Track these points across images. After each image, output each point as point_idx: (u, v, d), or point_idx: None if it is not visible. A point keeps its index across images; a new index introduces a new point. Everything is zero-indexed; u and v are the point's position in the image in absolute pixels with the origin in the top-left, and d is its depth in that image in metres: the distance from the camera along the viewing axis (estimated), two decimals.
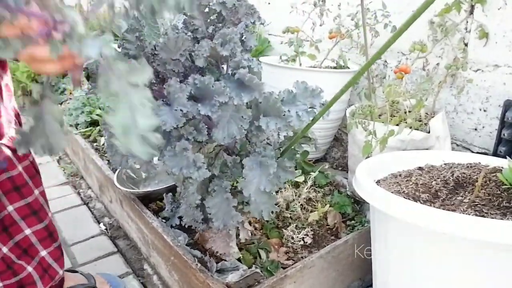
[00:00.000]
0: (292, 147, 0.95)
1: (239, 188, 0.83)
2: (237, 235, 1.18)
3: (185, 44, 0.79)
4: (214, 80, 0.77)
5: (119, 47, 0.84)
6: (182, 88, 0.74)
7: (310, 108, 0.80)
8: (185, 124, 0.79)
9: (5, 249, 0.97)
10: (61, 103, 2.58)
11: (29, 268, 1.01)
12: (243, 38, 0.86)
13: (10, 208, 0.97)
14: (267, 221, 1.35)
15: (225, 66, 0.84)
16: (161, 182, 1.51)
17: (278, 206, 1.40)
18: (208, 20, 0.89)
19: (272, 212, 0.89)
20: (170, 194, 1.29)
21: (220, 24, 0.90)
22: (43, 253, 1.05)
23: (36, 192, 1.03)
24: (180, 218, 1.18)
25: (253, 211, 0.87)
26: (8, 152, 0.95)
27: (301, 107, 0.79)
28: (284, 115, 0.77)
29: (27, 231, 1.01)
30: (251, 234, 1.29)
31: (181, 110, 0.72)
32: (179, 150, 0.77)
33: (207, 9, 0.89)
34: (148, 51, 0.84)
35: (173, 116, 0.72)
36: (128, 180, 1.52)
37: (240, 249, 1.20)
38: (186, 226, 1.12)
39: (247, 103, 0.81)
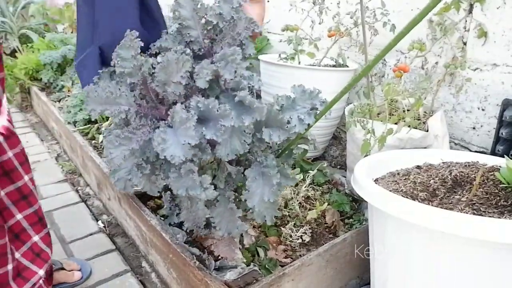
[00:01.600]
0: (291, 147, 0.95)
1: (242, 199, 0.82)
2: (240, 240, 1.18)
3: (186, 66, 0.76)
4: (214, 97, 0.74)
5: (113, 65, 0.81)
6: (188, 118, 0.70)
7: (311, 109, 0.79)
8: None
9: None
10: (59, 100, 2.58)
11: (17, 255, 1.03)
12: (243, 46, 0.84)
13: (1, 193, 0.99)
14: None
15: (224, 82, 0.81)
16: None
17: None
18: (205, 32, 0.87)
19: (276, 217, 0.88)
20: (169, 192, 1.29)
21: (218, 36, 0.87)
22: (35, 238, 1.07)
23: (26, 177, 1.05)
24: (179, 218, 1.17)
25: (257, 217, 0.87)
26: (0, 138, 0.98)
27: (301, 111, 0.78)
28: (287, 126, 0.76)
29: (19, 216, 1.03)
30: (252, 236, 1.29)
31: (189, 143, 0.69)
32: (185, 172, 0.75)
33: (203, 20, 0.87)
34: (145, 70, 0.80)
35: (181, 149, 0.69)
36: None
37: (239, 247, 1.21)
38: (188, 230, 1.11)
39: None
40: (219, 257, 1.12)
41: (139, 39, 0.82)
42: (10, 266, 0.99)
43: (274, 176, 0.80)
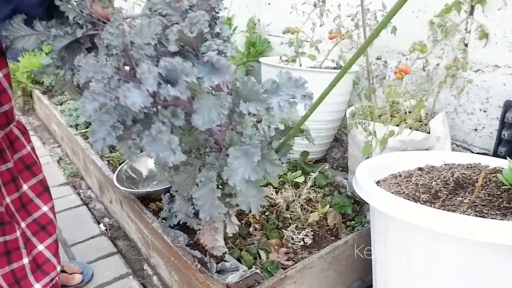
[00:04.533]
0: (287, 142, 0.96)
1: (223, 178, 0.83)
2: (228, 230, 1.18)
3: (157, 29, 0.82)
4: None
5: (103, 39, 0.86)
6: (151, 69, 0.76)
7: (292, 98, 0.80)
8: (160, 109, 0.81)
9: (23, 224, 1.05)
10: (61, 104, 2.58)
11: (40, 247, 1.09)
12: (217, 30, 0.87)
13: (25, 186, 1.05)
14: (267, 221, 1.35)
15: (196, 48, 0.87)
16: (160, 183, 1.51)
17: (278, 206, 1.40)
18: (180, 12, 0.91)
19: (262, 206, 0.89)
20: (168, 194, 1.29)
21: (191, 9, 0.91)
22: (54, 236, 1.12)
23: (42, 173, 1.11)
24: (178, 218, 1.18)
25: (241, 203, 0.87)
26: (17, 132, 1.05)
27: (284, 97, 0.81)
28: (262, 98, 0.79)
29: (44, 208, 1.09)
30: (251, 234, 1.29)
31: (147, 90, 0.74)
32: (155, 133, 0.79)
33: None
34: (127, 39, 0.86)
35: (140, 96, 0.75)
36: (127, 181, 1.52)
37: (240, 249, 1.20)
38: (181, 222, 1.13)
39: (228, 91, 0.84)
40: (206, 247, 1.13)
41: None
42: (26, 260, 1.01)
43: (256, 154, 0.82)
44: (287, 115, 0.80)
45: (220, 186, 0.95)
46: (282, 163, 0.91)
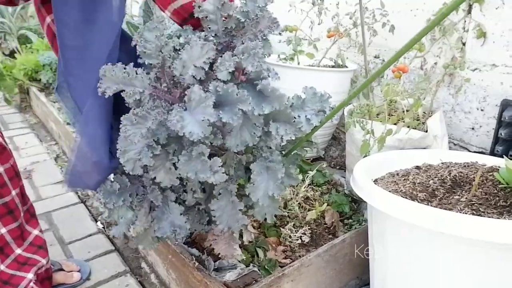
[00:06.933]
0: (295, 151, 0.96)
1: (246, 192, 0.83)
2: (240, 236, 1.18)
3: (210, 53, 0.78)
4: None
5: (136, 45, 0.83)
6: (207, 96, 0.71)
7: (319, 111, 0.80)
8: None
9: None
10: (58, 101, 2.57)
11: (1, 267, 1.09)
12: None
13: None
14: (265, 219, 1.35)
15: (242, 74, 0.83)
16: None
17: None
18: (225, 28, 0.89)
19: (276, 216, 0.89)
20: None
21: (239, 32, 0.89)
22: (18, 251, 1.13)
23: (13, 193, 1.10)
24: None
25: (257, 214, 0.87)
26: None
27: (309, 112, 0.80)
28: (294, 121, 0.77)
29: (3, 230, 1.09)
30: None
31: (208, 120, 0.70)
32: (196, 154, 0.75)
33: (225, 16, 0.89)
34: (166, 53, 0.82)
35: (199, 126, 0.70)
36: None
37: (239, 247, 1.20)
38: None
39: None
40: (219, 255, 1.12)
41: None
42: None
43: (279, 171, 0.81)
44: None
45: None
46: (295, 174, 0.92)
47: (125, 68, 0.80)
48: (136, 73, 0.81)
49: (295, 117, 0.78)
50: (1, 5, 3.53)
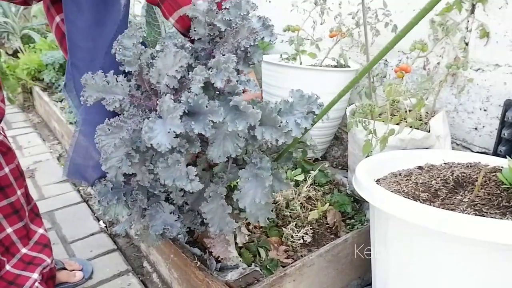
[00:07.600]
0: (289, 150, 0.95)
1: (234, 198, 0.83)
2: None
3: (182, 61, 0.78)
4: (208, 98, 0.75)
5: (114, 53, 0.83)
6: (176, 107, 0.71)
7: (308, 113, 0.79)
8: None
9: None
10: (61, 101, 2.58)
11: (7, 267, 1.10)
12: (247, 53, 0.84)
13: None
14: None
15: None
16: None
17: (278, 204, 1.40)
18: (209, 35, 0.89)
19: (268, 218, 0.88)
20: None
21: (220, 40, 0.89)
22: (24, 250, 1.14)
23: (19, 192, 1.11)
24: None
25: (250, 217, 0.87)
26: None
27: (298, 115, 0.79)
28: (279, 125, 0.76)
29: (9, 230, 1.10)
30: (251, 232, 1.29)
31: (174, 131, 0.70)
32: (172, 162, 0.76)
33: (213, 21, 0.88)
34: (143, 61, 0.82)
35: (167, 137, 0.71)
36: None
37: (240, 247, 1.20)
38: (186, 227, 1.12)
39: None
40: (219, 258, 1.13)
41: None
42: None
43: (267, 179, 0.80)
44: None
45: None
46: (288, 168, 0.91)
47: (106, 76, 0.80)
48: (117, 81, 0.80)
49: (281, 122, 0.77)
50: (4, 5, 3.53)
